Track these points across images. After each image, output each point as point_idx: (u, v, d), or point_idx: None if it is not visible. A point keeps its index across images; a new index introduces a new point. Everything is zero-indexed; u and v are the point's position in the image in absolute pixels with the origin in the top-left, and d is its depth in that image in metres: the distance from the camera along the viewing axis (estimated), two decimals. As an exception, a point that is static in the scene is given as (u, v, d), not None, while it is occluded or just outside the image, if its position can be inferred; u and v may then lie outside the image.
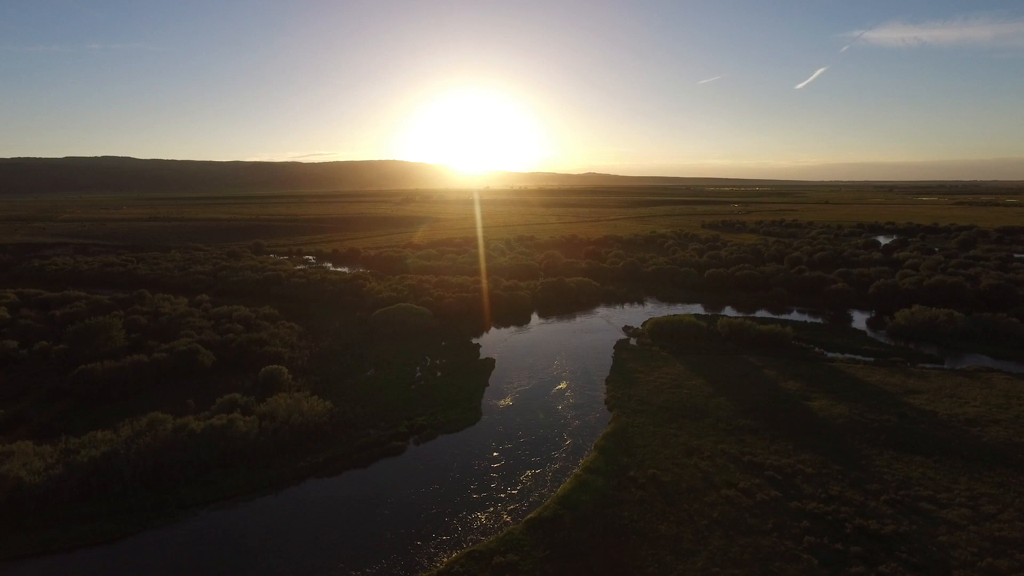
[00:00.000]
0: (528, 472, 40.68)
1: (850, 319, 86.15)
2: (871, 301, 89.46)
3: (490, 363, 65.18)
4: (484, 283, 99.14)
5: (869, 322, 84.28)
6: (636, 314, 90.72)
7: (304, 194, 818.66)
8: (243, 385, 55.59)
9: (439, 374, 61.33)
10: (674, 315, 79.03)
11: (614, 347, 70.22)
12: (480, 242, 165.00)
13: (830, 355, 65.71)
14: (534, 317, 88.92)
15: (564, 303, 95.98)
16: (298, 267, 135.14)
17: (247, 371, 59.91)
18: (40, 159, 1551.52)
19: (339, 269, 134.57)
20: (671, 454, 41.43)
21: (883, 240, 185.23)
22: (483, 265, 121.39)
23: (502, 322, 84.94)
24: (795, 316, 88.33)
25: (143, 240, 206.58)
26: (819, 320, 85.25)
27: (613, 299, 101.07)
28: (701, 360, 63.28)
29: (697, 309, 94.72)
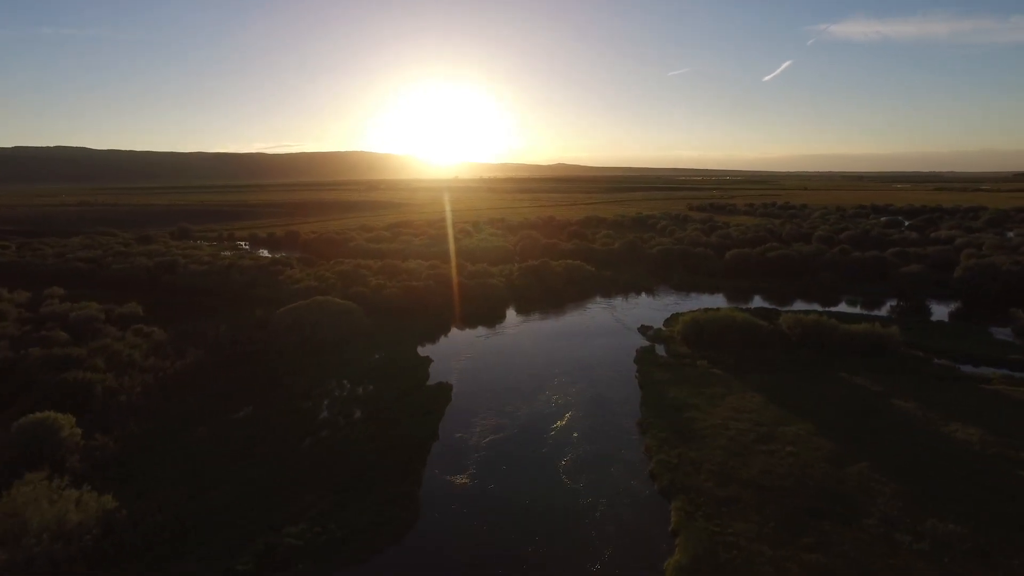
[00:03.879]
0: None
1: (928, 311, 64.08)
2: (956, 287, 67.42)
3: (445, 390, 40.90)
4: (444, 268, 74.53)
5: (956, 314, 62.37)
6: (649, 308, 67.30)
7: (266, 184, 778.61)
8: (-17, 450, 30.31)
9: (358, 414, 36.79)
10: (711, 310, 55.90)
11: (635, 360, 46.47)
12: (448, 222, 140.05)
13: (964, 369, 43.01)
14: (511, 313, 64.91)
15: (551, 294, 72.12)
16: (223, 252, 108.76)
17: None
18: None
19: (277, 255, 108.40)
20: (851, 645, 17.77)
21: (896, 221, 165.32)
22: (452, 246, 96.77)
23: (467, 320, 60.77)
24: (848, 308, 66.04)
25: (49, 225, 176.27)
26: (882, 313, 63.02)
27: (613, 288, 77.53)
28: (778, 381, 39.89)
29: (719, 300, 71.95)
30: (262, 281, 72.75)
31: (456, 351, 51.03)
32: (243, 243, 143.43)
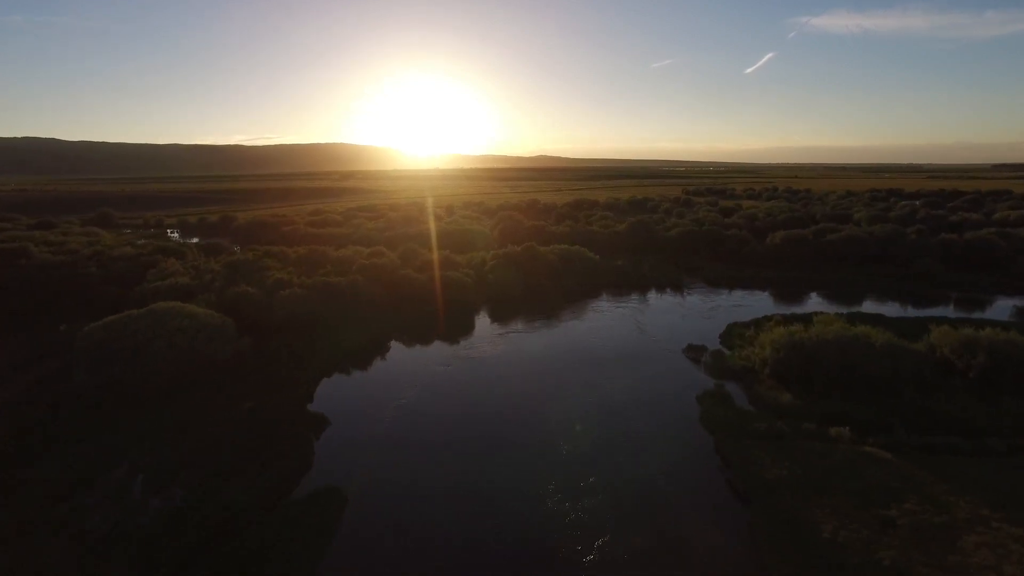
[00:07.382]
0: None
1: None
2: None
3: (329, 504, 19.42)
4: (388, 257, 52.58)
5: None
6: (685, 313, 46.28)
7: (240, 175, 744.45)
8: None
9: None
10: (810, 320, 35.10)
11: (703, 418, 25.30)
12: (424, 205, 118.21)
13: None
14: (482, 321, 43.54)
15: (540, 291, 50.96)
16: (139, 241, 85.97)
17: None
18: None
19: (186, 241, 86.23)
20: None
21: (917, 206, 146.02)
22: (431, 226, 75.39)
23: (412, 333, 39.34)
24: (945, 309, 46.12)
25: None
26: (1005, 316, 43.19)
27: (626, 282, 56.40)
28: (1006, 480, 19.15)
29: (766, 300, 51.64)
30: (127, 274, 50.71)
31: (382, 396, 29.52)
32: (171, 230, 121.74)
